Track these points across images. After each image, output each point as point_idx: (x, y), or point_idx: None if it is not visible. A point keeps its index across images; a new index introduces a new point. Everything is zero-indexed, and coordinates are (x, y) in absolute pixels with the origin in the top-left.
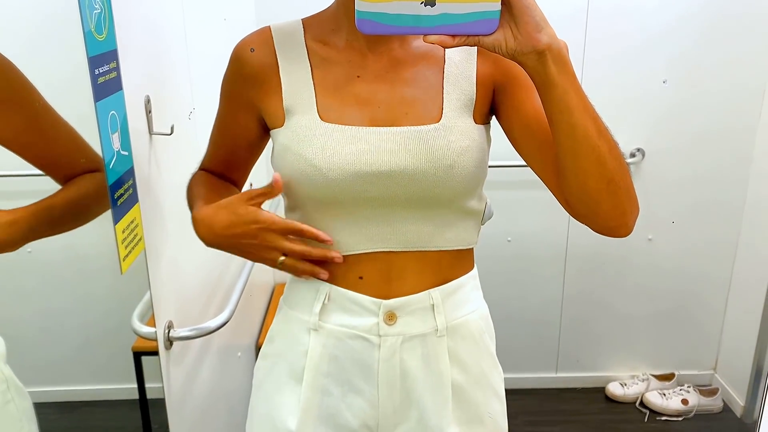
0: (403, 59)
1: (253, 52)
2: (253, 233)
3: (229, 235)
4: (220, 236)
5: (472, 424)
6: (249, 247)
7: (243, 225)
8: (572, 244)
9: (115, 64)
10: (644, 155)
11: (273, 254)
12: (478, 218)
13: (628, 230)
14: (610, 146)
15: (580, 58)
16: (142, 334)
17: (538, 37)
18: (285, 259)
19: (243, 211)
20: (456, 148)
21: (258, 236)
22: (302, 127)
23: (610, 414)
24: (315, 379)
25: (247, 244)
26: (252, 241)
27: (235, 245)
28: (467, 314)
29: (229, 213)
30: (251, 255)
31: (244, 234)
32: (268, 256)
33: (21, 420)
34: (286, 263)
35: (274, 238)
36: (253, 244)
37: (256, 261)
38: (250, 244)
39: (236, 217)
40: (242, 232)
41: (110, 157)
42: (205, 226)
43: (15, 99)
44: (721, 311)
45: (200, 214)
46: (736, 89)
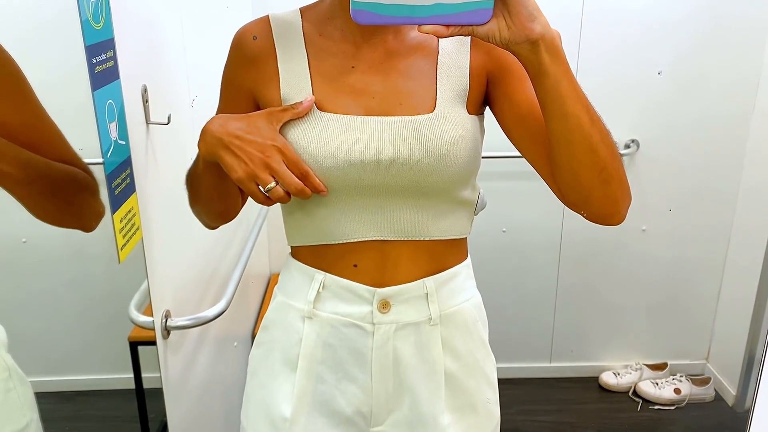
0: (397, 50)
1: (256, 39)
2: (263, 147)
3: (238, 136)
4: (228, 134)
5: (464, 412)
6: (248, 156)
7: (258, 135)
8: (567, 234)
9: (112, 53)
10: (639, 146)
11: (266, 176)
12: (471, 208)
13: (620, 218)
14: (603, 135)
15: (576, 49)
16: (139, 323)
17: (532, 26)
18: (273, 187)
19: (263, 124)
20: (449, 138)
21: (266, 151)
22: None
23: (604, 403)
24: (309, 366)
25: (250, 153)
26: (256, 152)
27: (237, 149)
28: (461, 303)
29: (248, 121)
30: (245, 166)
31: (253, 143)
32: (262, 174)
33: (23, 408)
34: (273, 192)
35: (279, 161)
36: (254, 156)
37: (244, 177)
38: (252, 154)
39: (254, 128)
40: (252, 140)
41: (108, 146)
42: (219, 122)
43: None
44: (713, 302)
45: (216, 116)
46: (730, 80)
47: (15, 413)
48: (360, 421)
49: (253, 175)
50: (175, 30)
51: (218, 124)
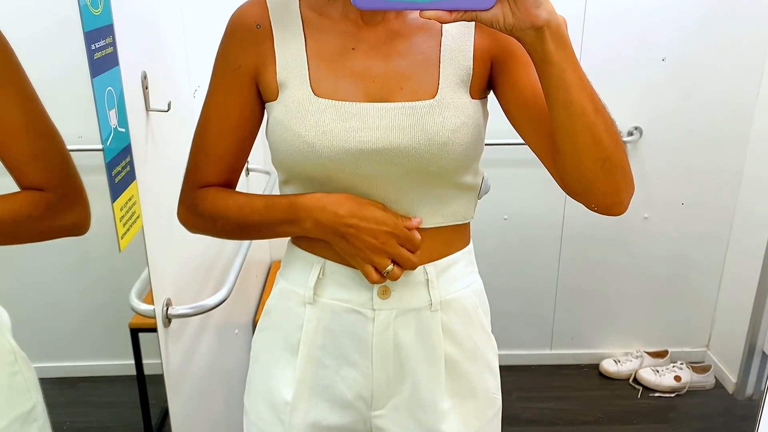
0: (399, 31)
1: (260, 28)
2: (377, 233)
3: (352, 225)
4: (344, 224)
5: (464, 397)
6: (364, 244)
7: (372, 221)
8: (568, 222)
9: (111, 39)
10: (642, 133)
11: (384, 260)
12: (474, 193)
13: (622, 209)
14: (607, 124)
15: (579, 35)
16: (140, 311)
17: (537, 12)
18: (392, 268)
19: (371, 209)
20: (450, 126)
21: (380, 238)
22: (295, 102)
23: (604, 390)
24: (310, 351)
25: (364, 241)
26: (371, 240)
27: (353, 238)
28: (461, 289)
29: (358, 205)
30: (359, 252)
31: (368, 230)
32: (378, 260)
33: (29, 391)
34: (391, 273)
35: (395, 245)
36: (369, 243)
37: (362, 263)
38: (367, 242)
39: (364, 208)
40: (366, 228)
41: (107, 133)
42: (331, 209)
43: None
44: (714, 290)
45: (320, 197)
46: (735, 67)
47: (21, 396)
48: (361, 405)
49: (370, 261)
50: (175, 16)
51: (331, 212)
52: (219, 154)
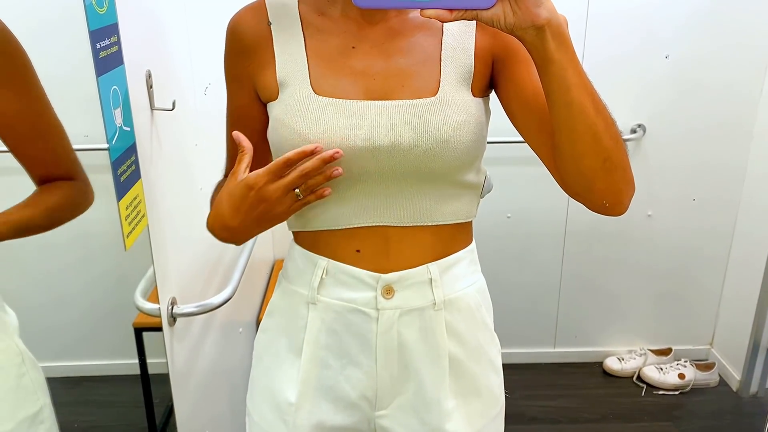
0: (400, 29)
1: (271, 25)
2: (256, 198)
3: (242, 219)
4: (237, 227)
5: (468, 397)
6: (266, 212)
7: (242, 200)
8: (571, 219)
9: (116, 38)
10: (645, 131)
11: (287, 198)
12: (476, 191)
13: (622, 209)
14: (608, 124)
15: (582, 33)
16: (145, 310)
17: (537, 11)
18: (299, 190)
19: (236, 190)
20: (452, 123)
21: (262, 198)
22: (295, 100)
23: (608, 388)
24: (314, 352)
25: (262, 211)
26: (261, 205)
27: (256, 221)
28: (465, 288)
29: (227, 198)
30: (273, 218)
31: (251, 206)
32: (284, 206)
33: (36, 392)
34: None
35: (274, 188)
36: (265, 208)
37: (281, 220)
38: (263, 209)
39: (235, 199)
40: (248, 207)
41: (113, 132)
42: (220, 229)
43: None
44: (718, 287)
45: (210, 219)
46: (738, 63)
47: (29, 398)
48: (365, 405)
49: (284, 214)
50: (179, 15)
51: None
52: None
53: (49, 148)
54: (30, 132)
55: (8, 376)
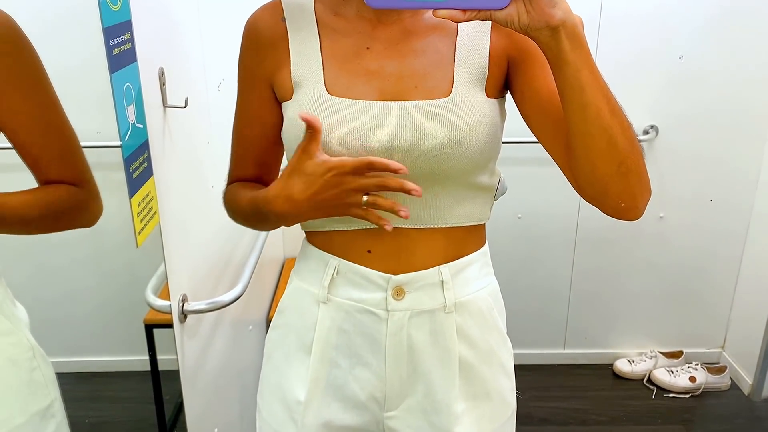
0: (414, 30)
1: (284, 21)
2: (333, 182)
3: (310, 196)
4: (302, 202)
5: (479, 400)
6: (332, 199)
7: (319, 179)
8: (582, 221)
9: (129, 35)
10: (658, 132)
11: (356, 197)
12: (490, 193)
13: (638, 213)
14: (623, 127)
15: (595, 33)
16: (156, 307)
17: (552, 12)
18: (368, 197)
19: (312, 168)
20: (465, 124)
21: (338, 184)
22: (309, 100)
23: (618, 390)
24: (323, 351)
25: (330, 197)
26: (333, 191)
27: (319, 204)
28: (476, 291)
29: (299, 176)
30: (337, 208)
31: (324, 187)
32: (353, 200)
33: (47, 386)
34: (370, 201)
35: (352, 179)
36: (335, 194)
37: (343, 213)
38: (332, 195)
39: (307, 176)
40: (321, 187)
41: (125, 129)
42: (284, 200)
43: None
44: (730, 290)
45: (272, 193)
46: (752, 66)
47: (40, 392)
48: (374, 406)
49: (348, 207)
50: (192, 12)
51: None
52: (245, 153)
53: (55, 151)
54: (36, 133)
55: (20, 370)
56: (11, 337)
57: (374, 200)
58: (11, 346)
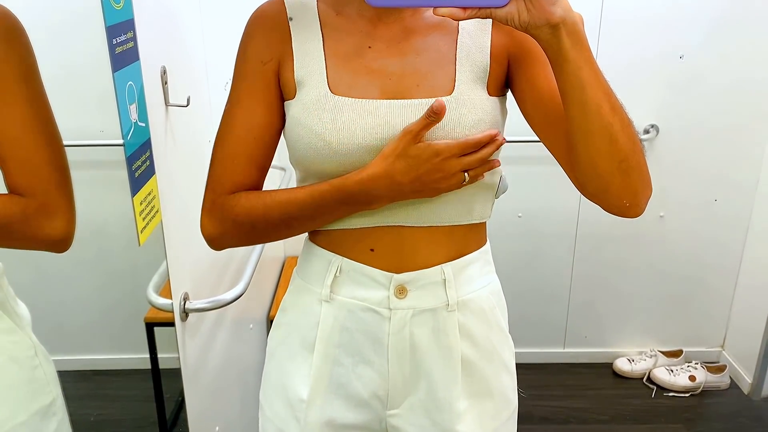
0: (415, 29)
1: (292, 20)
2: (437, 167)
3: (414, 178)
4: (405, 184)
5: (481, 398)
6: (433, 183)
7: (425, 163)
8: (583, 220)
9: (132, 34)
10: (658, 131)
11: (459, 176)
12: (491, 192)
13: (639, 211)
14: (624, 124)
15: (596, 31)
16: (157, 305)
17: (552, 9)
18: (468, 173)
19: (417, 151)
20: (467, 122)
21: (442, 168)
22: (312, 99)
23: (618, 389)
24: (326, 349)
25: (432, 180)
26: (438, 174)
27: (421, 186)
28: (478, 289)
29: (403, 158)
30: (433, 190)
31: (429, 171)
32: (453, 181)
33: (49, 385)
34: (471, 176)
35: (456, 162)
36: (436, 178)
37: (437, 193)
38: (437, 178)
39: (413, 159)
40: (426, 170)
41: (128, 128)
42: (386, 181)
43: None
44: (730, 289)
45: (367, 175)
46: (754, 65)
47: (42, 390)
48: (376, 404)
49: (446, 188)
50: (194, 11)
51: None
52: (248, 156)
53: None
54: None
55: (22, 369)
56: (13, 336)
57: (474, 174)
58: (13, 345)
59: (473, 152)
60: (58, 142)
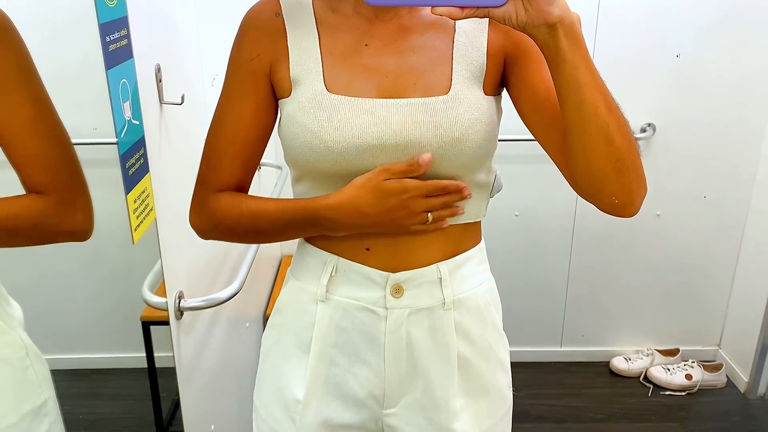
0: (412, 27)
1: (278, 16)
2: (404, 203)
3: (380, 211)
4: (369, 216)
5: (477, 396)
6: (398, 219)
7: (393, 198)
8: (579, 219)
9: (125, 31)
10: (655, 130)
11: (423, 216)
12: (486, 191)
13: (634, 210)
14: (620, 124)
15: (593, 30)
16: (152, 304)
17: (550, 9)
18: (432, 215)
19: (388, 186)
20: (464, 121)
21: (408, 205)
22: (308, 98)
23: (614, 388)
24: (322, 349)
25: (397, 216)
26: (403, 211)
27: (385, 220)
28: (474, 287)
29: (373, 191)
30: (397, 226)
31: (396, 206)
32: (416, 220)
33: (40, 385)
34: (435, 217)
35: (422, 201)
36: (402, 215)
37: (400, 230)
38: (401, 214)
39: (382, 193)
40: (392, 206)
41: (121, 126)
42: (351, 210)
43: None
44: (727, 287)
45: (333, 202)
46: (750, 64)
47: (33, 390)
48: (373, 403)
49: (409, 226)
50: (188, 9)
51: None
52: (234, 155)
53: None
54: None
55: (12, 369)
56: (3, 336)
57: (438, 215)
58: (3, 345)
59: (440, 195)
60: (66, 136)
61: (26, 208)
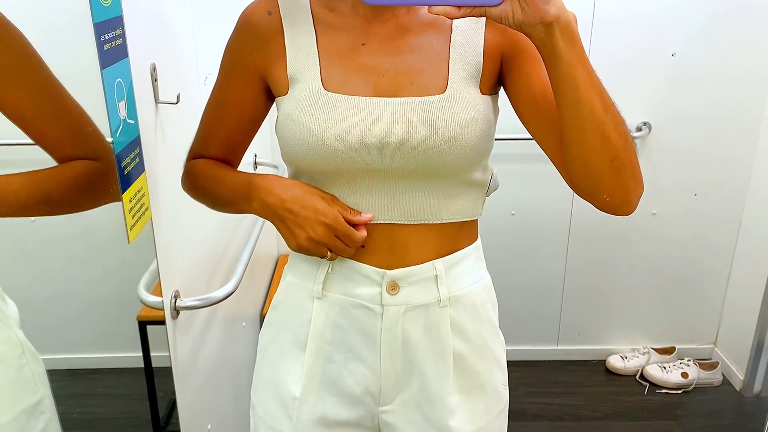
0: (409, 26)
1: (271, 15)
2: (315, 224)
3: (291, 209)
4: (284, 208)
5: (473, 393)
6: (300, 232)
7: (307, 209)
8: (576, 217)
9: (120, 30)
10: (651, 129)
11: (320, 249)
12: (483, 189)
13: (631, 209)
14: (616, 123)
15: (588, 29)
16: (148, 303)
17: (546, 8)
18: (331, 254)
19: (324, 206)
20: (460, 120)
21: (317, 229)
22: (305, 96)
23: (611, 386)
24: (318, 346)
25: (301, 228)
26: (308, 229)
27: (288, 221)
28: (470, 285)
29: (307, 194)
30: (295, 238)
31: (306, 219)
32: (314, 250)
33: (36, 384)
34: (331, 258)
35: (331, 237)
36: (305, 232)
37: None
38: (303, 230)
39: (308, 198)
40: (305, 216)
41: (117, 125)
42: (276, 192)
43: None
44: (722, 286)
45: (272, 179)
46: (745, 63)
47: (28, 389)
48: (369, 400)
49: (306, 249)
50: (184, 8)
51: (275, 195)
52: (216, 137)
53: (63, 127)
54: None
55: (8, 368)
56: (0, 334)
57: (334, 258)
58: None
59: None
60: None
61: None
